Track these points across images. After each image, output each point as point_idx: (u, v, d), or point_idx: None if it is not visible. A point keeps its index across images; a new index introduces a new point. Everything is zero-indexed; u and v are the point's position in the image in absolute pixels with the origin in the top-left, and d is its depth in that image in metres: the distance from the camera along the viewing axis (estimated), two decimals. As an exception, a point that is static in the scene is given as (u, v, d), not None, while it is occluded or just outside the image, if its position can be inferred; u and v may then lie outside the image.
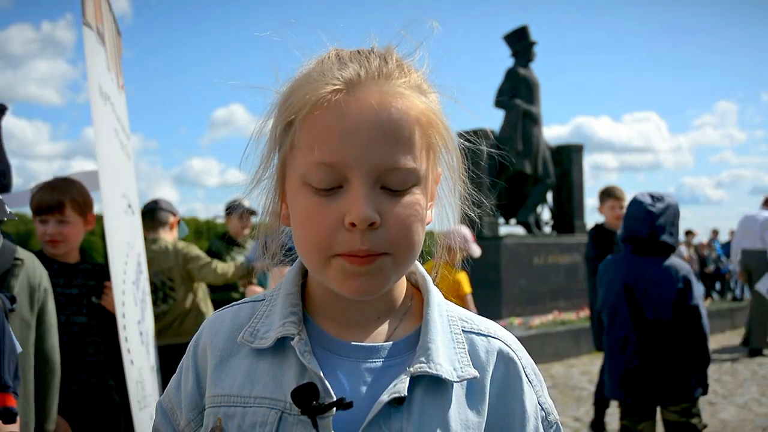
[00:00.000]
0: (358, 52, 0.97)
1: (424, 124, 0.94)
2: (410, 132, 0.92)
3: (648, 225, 3.75)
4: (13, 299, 2.18)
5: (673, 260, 3.80)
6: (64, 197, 3.02)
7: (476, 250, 5.20)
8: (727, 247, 18.88)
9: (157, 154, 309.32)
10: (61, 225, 3.03)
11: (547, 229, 13.86)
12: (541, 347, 9.01)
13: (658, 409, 3.86)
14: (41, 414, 2.44)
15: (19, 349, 1.87)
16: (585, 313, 10.92)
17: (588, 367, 8.89)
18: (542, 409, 1.03)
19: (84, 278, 3.14)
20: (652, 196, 3.81)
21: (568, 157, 14.02)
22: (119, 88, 3.36)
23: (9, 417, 1.77)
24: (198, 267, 4.62)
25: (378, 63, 0.95)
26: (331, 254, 0.92)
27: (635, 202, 3.85)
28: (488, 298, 10.11)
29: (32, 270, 2.46)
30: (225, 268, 4.70)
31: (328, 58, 0.97)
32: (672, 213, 3.77)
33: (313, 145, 0.91)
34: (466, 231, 1.10)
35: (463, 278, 5.21)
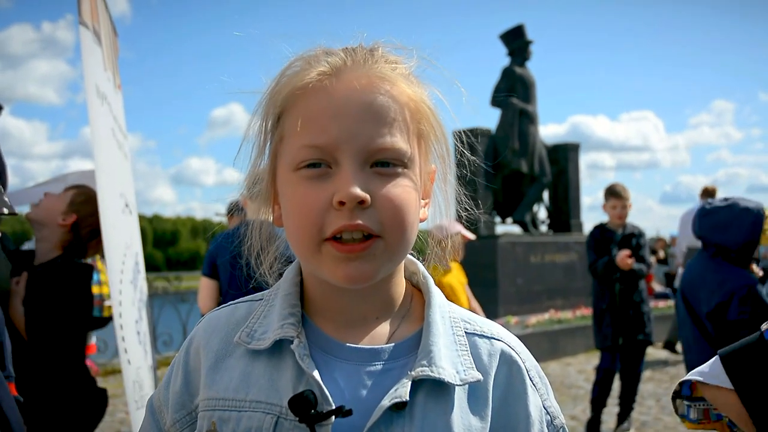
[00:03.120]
0: (345, 47, 0.98)
1: (413, 109, 0.95)
2: (399, 114, 0.92)
3: (696, 225, 3.48)
4: None
5: (731, 270, 3.32)
6: None
7: (469, 234, 5.13)
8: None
9: (155, 153, 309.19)
10: None
11: (544, 228, 13.87)
12: (537, 346, 9.02)
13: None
14: None
15: None
16: (581, 311, 10.93)
17: (585, 365, 8.90)
18: (547, 413, 1.00)
19: None
20: (726, 199, 3.42)
21: (564, 155, 14.03)
22: (116, 87, 3.35)
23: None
24: None
25: (364, 54, 0.96)
26: (321, 238, 0.90)
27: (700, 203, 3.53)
28: (485, 297, 10.10)
29: None
30: None
31: (316, 53, 0.98)
32: (731, 216, 3.29)
33: (302, 129, 0.91)
34: (452, 221, 1.10)
35: (458, 266, 5.28)
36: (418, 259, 1.07)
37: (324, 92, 0.91)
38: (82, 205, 3.10)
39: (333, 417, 0.88)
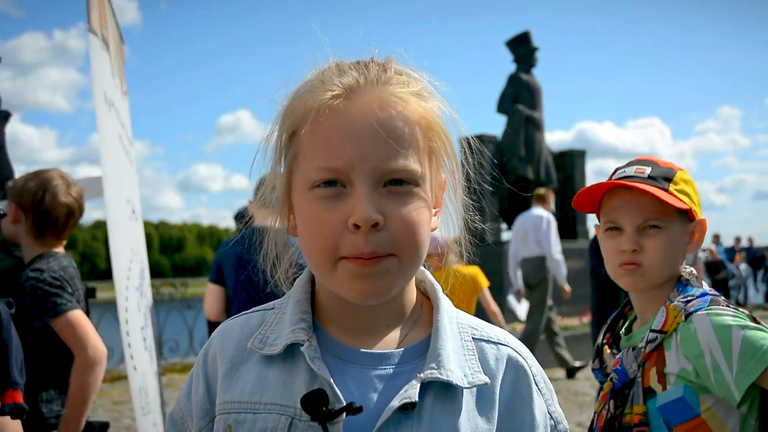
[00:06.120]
0: (358, 62, 1.00)
1: (425, 127, 0.97)
2: (411, 134, 0.94)
3: None
4: (11, 304, 2.17)
5: None
6: None
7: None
8: (730, 252, 18.79)
9: (162, 160, 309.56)
10: None
11: (550, 235, 13.83)
12: (544, 353, 8.98)
13: None
14: None
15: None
16: (588, 318, 10.88)
17: (591, 372, 8.86)
18: (551, 417, 1.03)
19: None
20: None
21: (571, 162, 14.00)
22: (123, 94, 3.37)
23: (19, 413, 1.83)
24: None
25: (377, 71, 0.98)
26: (336, 257, 0.92)
27: None
28: (491, 304, 10.08)
29: None
30: None
31: (329, 68, 1.00)
32: None
33: (317, 151, 0.94)
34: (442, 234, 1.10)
35: (478, 272, 5.14)
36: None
37: (338, 114, 0.93)
38: (17, 193, 2.84)
39: (344, 414, 0.90)
